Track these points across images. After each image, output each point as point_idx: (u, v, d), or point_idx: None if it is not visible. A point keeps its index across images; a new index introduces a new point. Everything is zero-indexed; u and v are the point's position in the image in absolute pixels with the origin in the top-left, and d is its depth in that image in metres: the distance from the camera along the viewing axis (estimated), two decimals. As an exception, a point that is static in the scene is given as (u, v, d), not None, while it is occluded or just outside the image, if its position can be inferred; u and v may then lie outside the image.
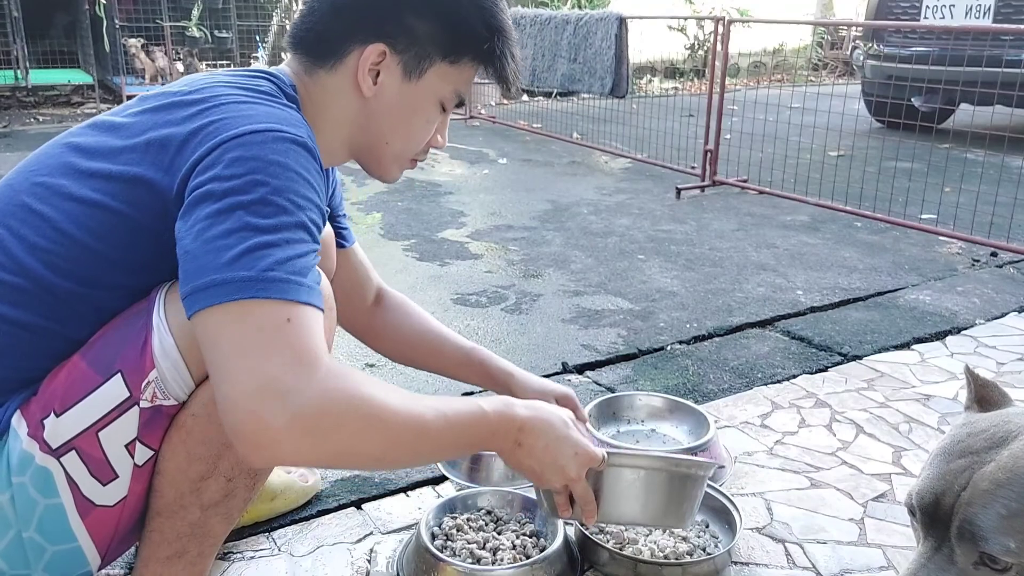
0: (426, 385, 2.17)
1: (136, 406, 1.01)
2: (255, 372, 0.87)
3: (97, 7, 7.49)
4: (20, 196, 1.05)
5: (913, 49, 5.59)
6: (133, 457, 1.03)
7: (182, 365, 1.01)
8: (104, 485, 1.02)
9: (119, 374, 1.00)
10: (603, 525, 1.50)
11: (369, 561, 1.47)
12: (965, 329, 2.56)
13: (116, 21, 7.36)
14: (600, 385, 2.19)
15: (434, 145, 1.28)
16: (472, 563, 1.37)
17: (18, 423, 1.01)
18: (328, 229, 1.40)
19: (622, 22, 5.35)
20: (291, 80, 1.18)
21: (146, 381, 1.00)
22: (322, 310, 0.94)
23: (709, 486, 1.58)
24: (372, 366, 2.28)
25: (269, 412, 0.86)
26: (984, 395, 1.07)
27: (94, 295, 1.04)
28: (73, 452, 1.00)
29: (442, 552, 1.38)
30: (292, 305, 0.90)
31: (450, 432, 1.00)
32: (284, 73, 1.19)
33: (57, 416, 1.00)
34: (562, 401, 1.47)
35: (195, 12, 8.29)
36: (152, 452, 1.04)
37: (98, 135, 1.08)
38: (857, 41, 9.26)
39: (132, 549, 1.22)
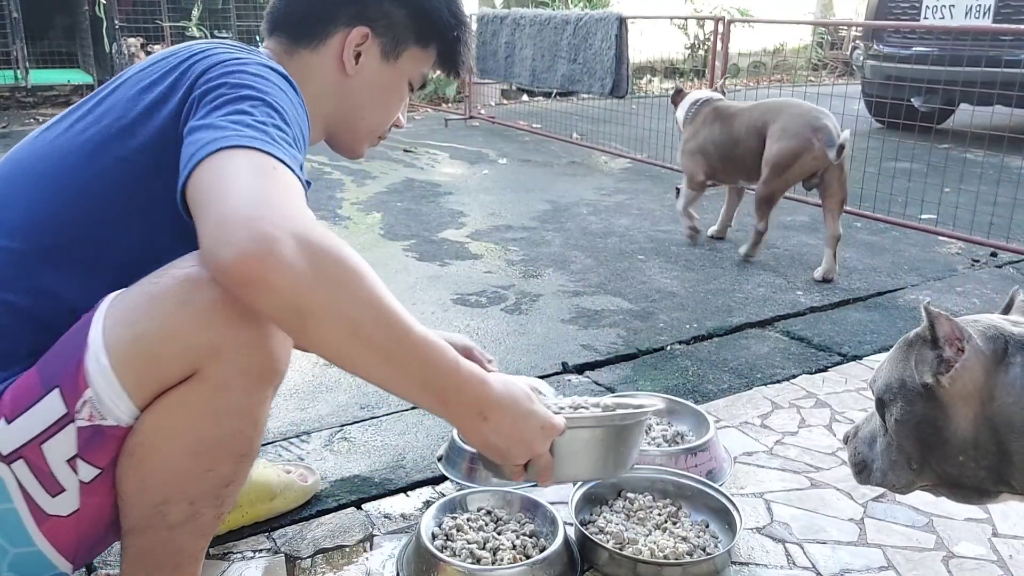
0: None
1: (72, 423, 0.97)
2: (258, 189, 0.87)
3: (97, 7, 7.49)
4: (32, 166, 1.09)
5: (913, 49, 5.59)
6: (77, 473, 0.99)
7: (118, 386, 0.96)
8: (53, 497, 0.99)
9: (57, 389, 0.97)
10: (603, 524, 1.50)
11: (368, 561, 1.47)
12: (965, 329, 2.56)
13: (116, 21, 7.36)
14: (600, 385, 2.19)
15: (397, 124, 1.40)
16: (472, 563, 1.37)
17: None
18: None
19: (622, 22, 5.35)
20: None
21: (82, 400, 0.97)
22: (304, 189, 0.97)
23: (709, 486, 1.58)
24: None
25: (272, 221, 0.84)
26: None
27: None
28: (22, 461, 0.98)
29: (442, 552, 1.38)
30: (280, 163, 0.92)
31: (423, 354, 0.95)
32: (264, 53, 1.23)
33: (8, 423, 0.98)
34: (464, 352, 1.51)
35: (195, 12, 8.29)
36: (98, 470, 1.00)
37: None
38: (857, 41, 9.26)
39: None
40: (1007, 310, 1.19)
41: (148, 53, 7.62)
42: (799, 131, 3.05)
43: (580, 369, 2.30)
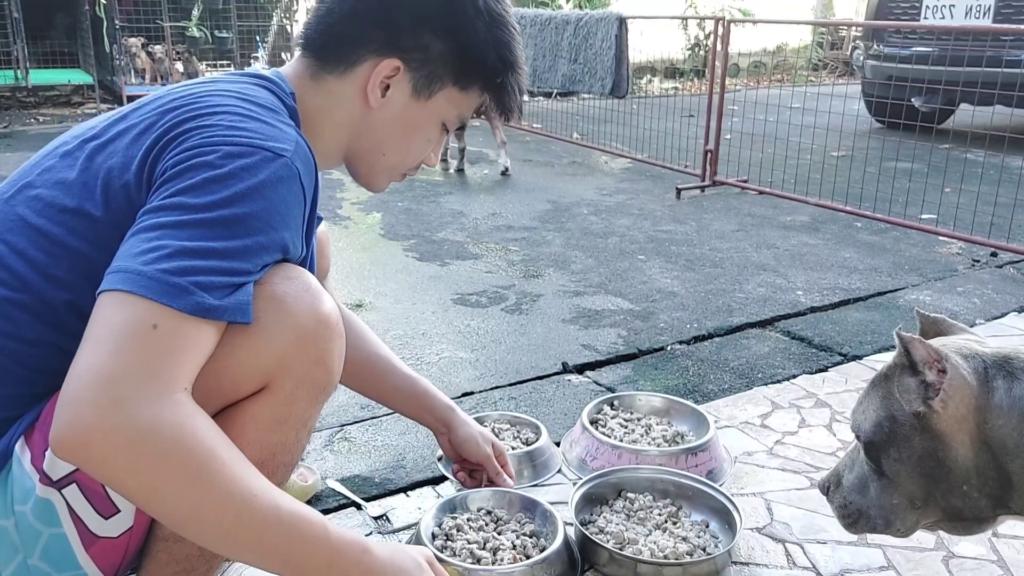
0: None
1: None
2: (102, 365, 0.83)
3: (97, 7, 7.49)
4: (16, 209, 1.03)
5: (913, 49, 5.59)
6: None
7: None
8: (106, 519, 0.99)
9: None
10: (603, 524, 1.50)
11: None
12: (965, 329, 2.56)
13: (116, 21, 7.37)
14: (600, 385, 2.19)
15: (427, 163, 1.28)
16: (472, 563, 1.37)
17: (21, 451, 0.98)
18: (323, 227, 1.39)
19: (622, 22, 5.35)
20: (291, 87, 1.16)
21: None
22: (240, 322, 0.92)
23: (709, 486, 1.58)
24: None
25: (96, 408, 0.82)
26: (928, 329, 1.20)
27: (91, 306, 0.96)
28: (74, 485, 0.97)
29: (442, 552, 1.38)
30: (168, 312, 0.86)
31: (277, 531, 0.89)
32: (285, 78, 1.18)
33: None
34: (487, 457, 1.56)
35: (195, 12, 8.30)
36: None
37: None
38: (857, 41, 9.26)
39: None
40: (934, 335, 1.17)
41: (149, 53, 7.63)
42: None
43: (580, 369, 2.30)
